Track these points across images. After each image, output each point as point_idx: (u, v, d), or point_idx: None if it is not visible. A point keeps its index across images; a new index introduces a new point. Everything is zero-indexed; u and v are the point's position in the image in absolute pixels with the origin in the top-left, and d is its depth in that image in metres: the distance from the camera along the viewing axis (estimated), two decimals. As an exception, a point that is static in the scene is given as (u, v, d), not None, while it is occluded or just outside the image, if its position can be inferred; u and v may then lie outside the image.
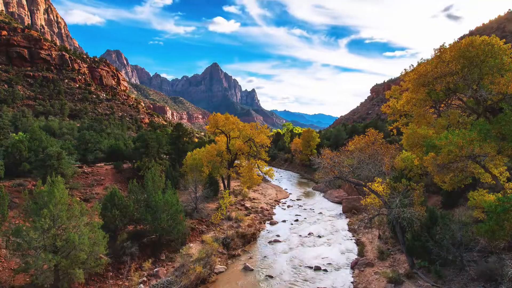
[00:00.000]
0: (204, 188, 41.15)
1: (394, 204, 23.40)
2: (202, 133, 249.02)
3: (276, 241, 35.06)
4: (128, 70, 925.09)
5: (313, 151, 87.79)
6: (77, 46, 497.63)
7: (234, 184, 60.43)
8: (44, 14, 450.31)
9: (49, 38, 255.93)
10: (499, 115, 21.43)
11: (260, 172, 53.43)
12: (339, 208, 49.50)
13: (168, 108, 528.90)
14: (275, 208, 50.78)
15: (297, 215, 46.35)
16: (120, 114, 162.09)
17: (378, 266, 26.31)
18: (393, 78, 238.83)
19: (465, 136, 20.05)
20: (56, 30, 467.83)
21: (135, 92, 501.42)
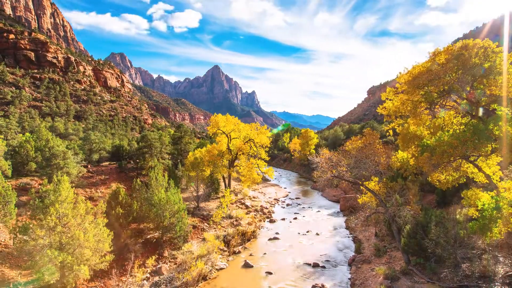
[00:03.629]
0: (206, 187, 41.16)
1: (390, 202, 23.41)
2: (204, 134, 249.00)
3: (275, 238, 35.04)
4: (132, 72, 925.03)
5: (312, 151, 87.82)
6: (83, 49, 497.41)
7: (234, 183, 60.43)
8: (50, 18, 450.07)
9: (55, 42, 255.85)
10: (492, 116, 21.42)
11: (260, 171, 53.41)
12: (336, 207, 49.48)
13: (170, 109, 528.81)
14: (274, 207, 50.75)
15: (296, 213, 46.33)
16: (124, 115, 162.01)
17: (374, 263, 26.30)
18: (389, 80, 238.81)
19: (459, 137, 20.05)
20: (62, 33, 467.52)
21: (139, 94, 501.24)
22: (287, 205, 52.17)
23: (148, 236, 28.62)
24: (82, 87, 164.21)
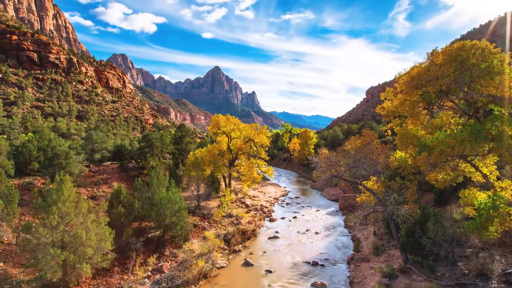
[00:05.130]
0: (206, 187, 41.14)
1: (389, 201, 23.40)
2: (204, 134, 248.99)
3: (275, 237, 35.05)
4: (133, 73, 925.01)
5: (311, 151, 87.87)
6: (85, 50, 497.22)
7: (234, 182, 60.43)
8: (53, 19, 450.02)
9: (58, 43, 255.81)
10: (489, 116, 21.41)
11: (260, 171, 53.44)
12: (335, 206, 49.50)
13: (171, 110, 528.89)
14: (274, 206, 50.76)
15: (295, 212, 46.34)
16: (126, 115, 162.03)
17: (373, 261, 26.30)
18: (387, 80, 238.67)
19: (457, 137, 20.04)
20: (64, 34, 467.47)
21: (140, 94, 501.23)
22: (287, 204, 52.18)
23: (150, 235, 28.61)
24: (84, 88, 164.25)
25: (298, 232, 36.96)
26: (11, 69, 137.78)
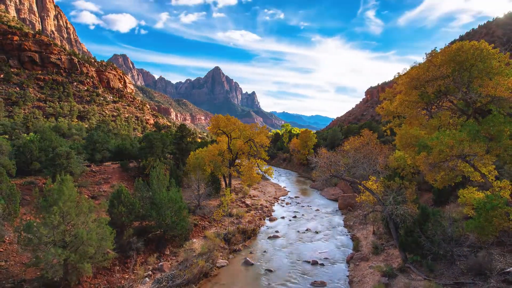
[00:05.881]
0: (207, 186, 41.13)
1: (388, 201, 23.39)
2: (205, 134, 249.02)
3: (275, 236, 35.04)
4: (134, 74, 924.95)
5: (311, 151, 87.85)
6: (86, 50, 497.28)
7: (235, 182, 60.42)
8: (54, 20, 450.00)
9: (59, 43, 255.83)
10: (487, 116, 21.42)
11: (260, 170, 53.45)
12: (335, 205, 49.48)
13: (172, 110, 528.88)
14: (274, 205, 50.74)
15: (295, 211, 46.32)
16: (127, 115, 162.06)
17: (372, 261, 26.29)
18: (387, 81, 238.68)
19: (456, 137, 20.05)
20: (65, 35, 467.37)
21: (141, 95, 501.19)
22: (287, 203, 52.16)
23: (150, 234, 28.60)
24: (85, 88, 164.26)
25: (298, 231, 36.95)
26: (12, 70, 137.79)
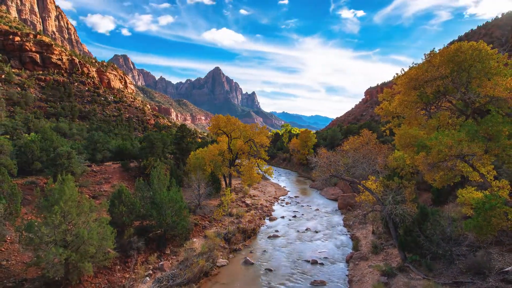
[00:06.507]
0: (207, 186, 41.13)
1: (387, 201, 23.39)
2: (205, 134, 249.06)
3: (275, 236, 35.05)
4: (134, 74, 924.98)
5: (310, 151, 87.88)
6: (86, 51, 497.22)
7: (235, 182, 60.43)
8: (55, 21, 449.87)
9: (60, 44, 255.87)
10: (486, 116, 21.42)
11: (260, 170, 53.46)
12: (334, 205, 49.48)
13: (172, 110, 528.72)
14: (274, 205, 50.75)
15: (295, 211, 46.32)
16: (127, 115, 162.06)
17: (372, 260, 26.30)
18: (386, 81, 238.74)
19: (454, 137, 20.05)
20: (66, 36, 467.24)
21: (141, 95, 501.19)
22: (287, 203, 52.16)
23: (151, 234, 28.60)
24: (86, 88, 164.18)
25: (298, 231, 36.96)
26: (14, 70, 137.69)
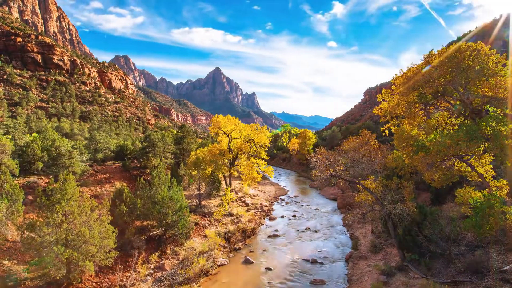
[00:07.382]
0: (207, 186, 41.16)
1: (386, 200, 23.39)
2: (205, 134, 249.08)
3: (275, 235, 35.05)
4: (135, 74, 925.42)
5: (310, 151, 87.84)
6: (88, 51, 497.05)
7: (235, 182, 60.43)
8: (56, 21, 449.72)
9: (61, 44, 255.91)
10: (484, 116, 21.41)
11: (259, 170, 53.43)
12: (334, 205, 49.48)
13: (173, 110, 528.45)
14: (274, 205, 50.75)
15: (295, 211, 46.32)
16: (128, 115, 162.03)
17: (371, 259, 26.31)
18: (385, 82, 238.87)
19: (453, 137, 20.05)
20: (68, 36, 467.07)
21: (142, 95, 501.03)
22: (286, 203, 52.16)
23: (151, 233, 28.62)
24: (88, 89, 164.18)
25: (297, 230, 36.96)
26: (15, 71, 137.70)
